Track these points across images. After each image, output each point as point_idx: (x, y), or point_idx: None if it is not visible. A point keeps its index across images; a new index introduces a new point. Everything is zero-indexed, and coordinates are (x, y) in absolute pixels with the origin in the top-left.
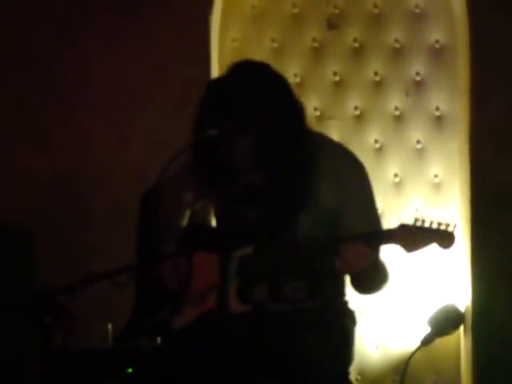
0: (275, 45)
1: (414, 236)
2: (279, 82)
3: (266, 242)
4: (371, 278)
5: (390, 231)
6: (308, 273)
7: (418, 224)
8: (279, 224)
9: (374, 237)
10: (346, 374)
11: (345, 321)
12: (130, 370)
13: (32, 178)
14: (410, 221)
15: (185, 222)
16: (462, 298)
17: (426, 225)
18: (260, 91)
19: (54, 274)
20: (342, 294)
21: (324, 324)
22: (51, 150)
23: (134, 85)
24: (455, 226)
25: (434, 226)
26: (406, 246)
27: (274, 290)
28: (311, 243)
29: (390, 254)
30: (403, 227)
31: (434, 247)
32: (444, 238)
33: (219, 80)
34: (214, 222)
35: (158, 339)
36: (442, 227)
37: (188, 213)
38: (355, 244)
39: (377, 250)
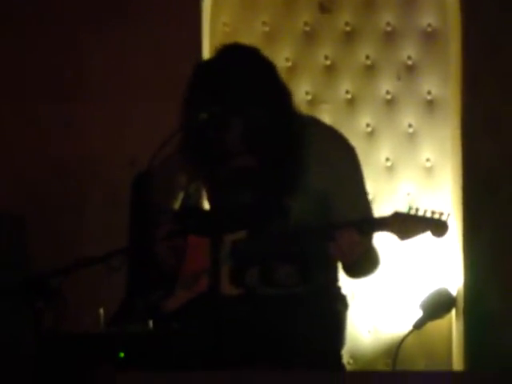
0: (266, 29)
1: (407, 224)
2: (268, 65)
3: (258, 226)
4: (363, 264)
5: (384, 219)
6: (300, 258)
7: (412, 212)
8: (272, 208)
9: (368, 224)
10: (338, 357)
11: (337, 306)
12: (122, 355)
13: (25, 165)
14: (404, 209)
15: (177, 204)
16: (454, 282)
17: (420, 213)
18: (249, 73)
19: (47, 260)
20: (334, 279)
21: (315, 309)
22: (45, 137)
23: (127, 71)
24: (449, 215)
25: (428, 214)
26: (400, 233)
27: (266, 274)
28: (304, 228)
29: (382, 238)
30: (397, 215)
31: (427, 235)
32: (437, 226)
33: (208, 62)
34: (206, 206)
35: (150, 323)
36: (436, 216)
37: (181, 195)
38: (349, 231)
39: (370, 237)
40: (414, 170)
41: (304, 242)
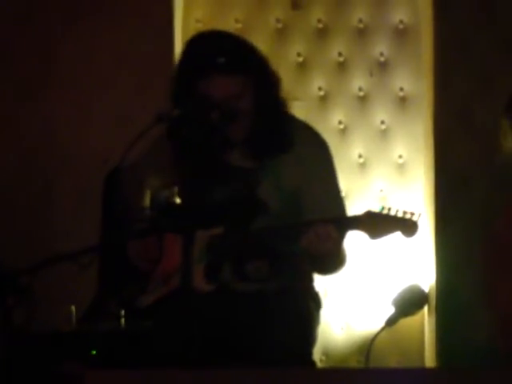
0: (239, 25)
1: (379, 223)
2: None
3: (235, 223)
4: (330, 260)
5: (356, 217)
6: (271, 252)
7: (385, 212)
8: (249, 204)
9: (341, 222)
10: (309, 354)
11: (308, 303)
12: (94, 352)
13: None
14: (376, 208)
15: (146, 202)
16: (426, 278)
17: (392, 213)
18: (249, 47)
19: (16, 257)
20: (307, 275)
21: (286, 306)
22: (13, 131)
23: (98, 65)
24: (419, 215)
25: (400, 214)
26: (371, 232)
27: (237, 267)
28: (278, 225)
29: (354, 235)
30: (369, 214)
31: (397, 235)
32: (408, 226)
33: (200, 39)
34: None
35: (122, 321)
36: (407, 216)
37: (149, 194)
38: (326, 225)
39: (342, 235)
40: (386, 167)
41: (278, 239)
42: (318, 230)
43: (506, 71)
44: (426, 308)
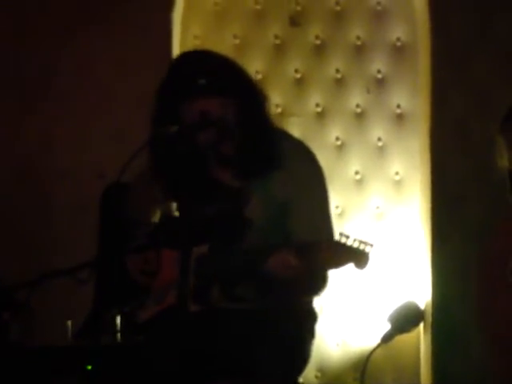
0: (237, 41)
1: (334, 252)
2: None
3: (220, 241)
4: (297, 286)
5: (316, 244)
6: (256, 273)
7: (342, 240)
8: (233, 221)
9: (303, 248)
10: (291, 377)
11: (299, 322)
12: (90, 367)
13: None
14: (335, 236)
15: (156, 218)
16: (422, 295)
17: (348, 242)
18: (231, 66)
19: (14, 270)
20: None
21: (272, 326)
22: (12, 145)
23: (96, 81)
24: (372, 246)
25: (355, 244)
26: (328, 262)
27: (226, 289)
28: (247, 249)
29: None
30: (328, 242)
31: (350, 267)
32: (360, 257)
33: (183, 60)
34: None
35: (118, 336)
36: (361, 246)
37: (158, 210)
38: (283, 252)
39: (309, 261)
40: (383, 184)
41: (246, 261)
42: (277, 257)
43: (503, 89)
44: (421, 325)
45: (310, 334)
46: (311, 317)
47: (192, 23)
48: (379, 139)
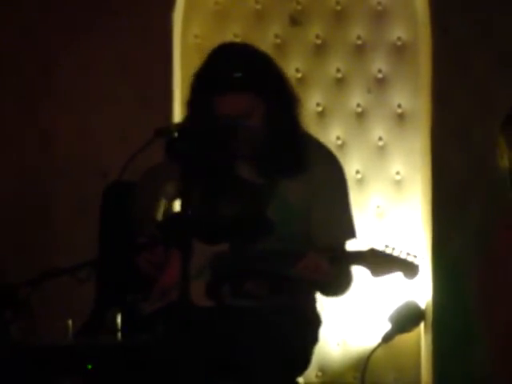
0: (237, 41)
1: (381, 262)
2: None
3: (241, 241)
4: (325, 288)
5: (359, 253)
6: (272, 274)
7: (388, 251)
8: (257, 222)
9: (343, 255)
10: (291, 378)
11: (303, 326)
12: (90, 367)
13: None
14: (380, 246)
15: (160, 214)
16: (423, 295)
17: (395, 253)
18: (270, 64)
19: (15, 270)
20: (307, 294)
21: (275, 328)
22: (13, 145)
23: (97, 80)
24: (422, 258)
25: (403, 255)
26: (373, 270)
27: (236, 285)
28: (275, 250)
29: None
30: (373, 252)
31: (398, 275)
32: (410, 269)
33: (221, 51)
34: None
35: (119, 335)
36: (410, 258)
37: (165, 205)
38: (318, 257)
39: (342, 266)
40: (383, 183)
41: (274, 262)
42: (308, 261)
43: (504, 88)
44: (422, 324)
45: (313, 338)
46: (315, 321)
47: (192, 23)
48: (380, 139)
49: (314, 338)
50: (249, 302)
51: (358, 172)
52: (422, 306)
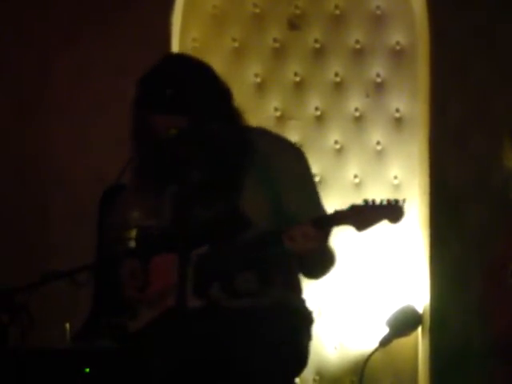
0: (236, 45)
1: (364, 214)
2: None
3: (220, 240)
4: (317, 260)
5: (341, 212)
6: (258, 263)
7: (369, 203)
8: (234, 220)
9: (325, 219)
10: (289, 378)
11: (294, 324)
12: (88, 370)
13: None
14: (360, 202)
15: (133, 235)
16: (421, 299)
17: (377, 202)
18: (201, 82)
19: (12, 273)
20: (296, 292)
21: (268, 327)
22: (11, 148)
23: (95, 85)
24: (404, 200)
25: (384, 203)
26: (358, 224)
27: (225, 283)
28: (261, 234)
29: (348, 254)
30: (353, 208)
31: (384, 224)
32: (393, 212)
33: (152, 71)
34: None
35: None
36: (392, 203)
37: (135, 230)
38: (303, 225)
39: (327, 232)
40: (381, 187)
41: (263, 249)
42: (294, 231)
43: (502, 94)
44: (419, 329)
45: (306, 336)
46: (307, 319)
47: (191, 26)
48: (378, 143)
49: (308, 335)
50: (241, 301)
51: (356, 176)
52: (420, 310)
